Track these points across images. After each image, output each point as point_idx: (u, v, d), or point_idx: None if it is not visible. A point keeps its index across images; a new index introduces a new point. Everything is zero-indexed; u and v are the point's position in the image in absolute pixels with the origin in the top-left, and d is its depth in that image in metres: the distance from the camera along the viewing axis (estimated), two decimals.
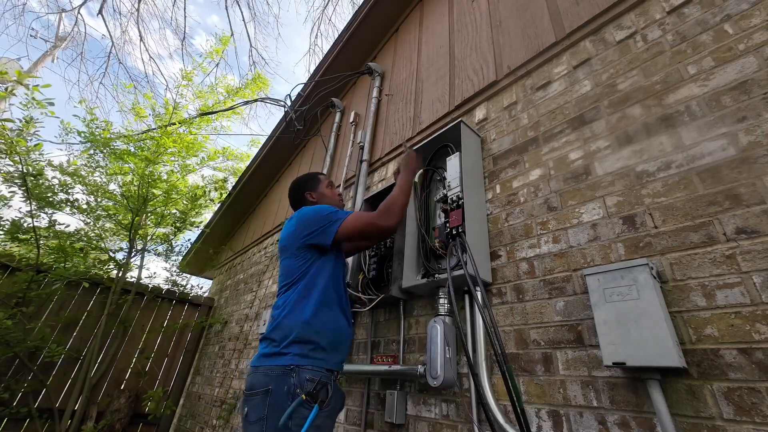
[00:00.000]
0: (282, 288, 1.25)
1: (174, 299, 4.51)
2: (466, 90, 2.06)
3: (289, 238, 1.30)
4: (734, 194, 0.96)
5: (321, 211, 1.30)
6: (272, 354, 1.09)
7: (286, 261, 1.28)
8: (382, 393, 1.71)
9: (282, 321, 1.15)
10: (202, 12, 34.86)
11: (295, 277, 1.22)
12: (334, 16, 14.25)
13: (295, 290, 1.20)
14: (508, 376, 1.05)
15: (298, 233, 1.28)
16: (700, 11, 1.23)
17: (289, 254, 1.28)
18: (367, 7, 3.31)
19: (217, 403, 3.43)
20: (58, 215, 3.74)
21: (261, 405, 1.00)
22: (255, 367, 1.11)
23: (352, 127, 3.24)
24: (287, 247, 1.30)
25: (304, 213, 1.33)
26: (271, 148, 4.56)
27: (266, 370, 1.06)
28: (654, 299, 0.92)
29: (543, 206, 1.41)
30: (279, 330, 1.13)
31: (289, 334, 1.11)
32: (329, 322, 1.18)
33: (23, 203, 3.42)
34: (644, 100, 1.26)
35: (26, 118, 3.31)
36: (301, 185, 1.57)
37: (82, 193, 4.07)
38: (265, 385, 1.03)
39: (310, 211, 1.32)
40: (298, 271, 1.23)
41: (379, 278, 1.85)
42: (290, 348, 1.09)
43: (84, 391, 3.31)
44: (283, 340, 1.10)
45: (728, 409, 0.81)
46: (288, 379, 1.03)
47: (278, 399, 1.00)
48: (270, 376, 1.04)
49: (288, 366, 1.05)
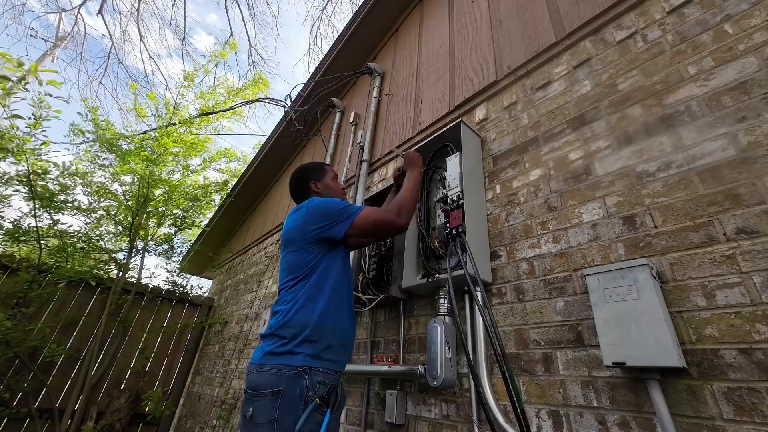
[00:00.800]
0: (288, 283, 1.19)
1: (174, 299, 4.51)
2: (466, 90, 2.06)
3: (298, 230, 1.23)
4: (734, 194, 0.96)
5: (333, 203, 1.25)
6: (282, 353, 1.04)
7: (293, 255, 1.22)
8: (382, 393, 1.71)
9: (293, 317, 1.09)
10: (201, 11, 34.84)
11: (304, 271, 1.17)
12: (333, 17, 14.26)
13: (305, 285, 1.15)
14: (508, 376, 1.05)
15: (308, 225, 1.22)
16: (700, 11, 1.23)
17: (297, 247, 1.22)
18: (367, 7, 3.31)
19: (217, 403, 3.43)
20: (60, 216, 3.73)
21: (270, 407, 0.96)
22: (260, 365, 1.05)
23: (352, 127, 3.24)
24: (294, 240, 1.23)
25: (315, 204, 1.26)
26: (271, 148, 4.56)
27: (275, 369, 1.01)
28: (654, 299, 0.92)
29: (543, 206, 1.41)
30: (289, 327, 1.08)
31: (300, 331, 1.06)
32: (340, 321, 1.14)
33: (26, 203, 3.41)
34: (644, 100, 1.26)
35: (35, 115, 3.28)
36: (306, 173, 1.50)
37: (83, 194, 4.07)
38: (274, 386, 0.98)
39: (322, 203, 1.26)
40: (308, 265, 1.17)
41: (379, 278, 1.85)
42: (302, 347, 1.04)
43: (84, 391, 3.31)
44: (294, 338, 1.05)
45: (728, 409, 0.81)
46: (300, 380, 0.99)
47: (290, 401, 0.96)
48: (280, 376, 1.00)
49: (300, 367, 1.01)
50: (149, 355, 4.06)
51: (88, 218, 4.08)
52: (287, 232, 1.28)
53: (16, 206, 9.40)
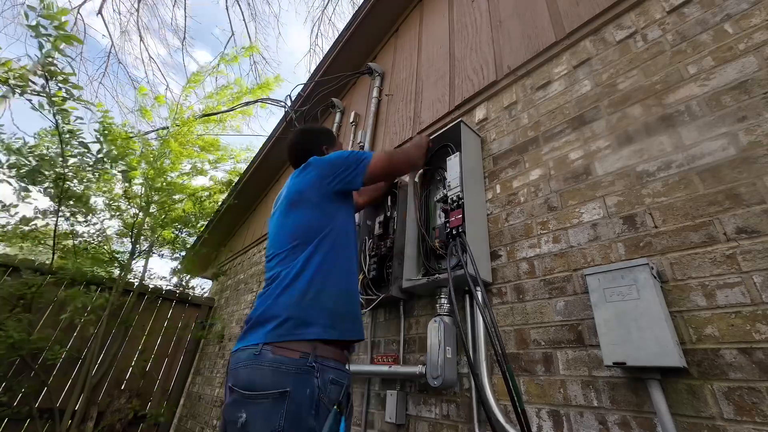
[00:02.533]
0: (290, 248, 0.99)
1: (174, 299, 4.51)
2: (466, 90, 2.06)
3: (311, 185, 1.09)
4: (734, 194, 0.96)
5: (343, 153, 1.15)
6: (289, 339, 0.84)
7: (302, 213, 1.05)
8: (382, 393, 1.71)
9: (316, 291, 0.89)
10: (200, 10, 34.89)
11: (322, 232, 1.00)
12: (334, 17, 14.23)
13: (321, 250, 0.97)
14: (508, 375, 1.05)
15: (322, 177, 1.09)
16: (700, 11, 1.23)
17: (310, 205, 1.06)
18: (367, 7, 3.31)
19: (217, 403, 3.43)
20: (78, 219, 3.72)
21: (274, 412, 0.75)
22: (255, 356, 0.82)
23: (352, 127, 3.24)
24: (307, 197, 1.08)
25: (327, 158, 1.15)
26: (271, 148, 4.56)
27: (277, 363, 0.80)
28: (654, 299, 0.92)
29: (543, 206, 1.41)
30: (304, 305, 0.87)
31: (320, 311, 0.88)
32: (355, 293, 1.01)
33: (52, 203, 3.36)
34: (644, 100, 1.26)
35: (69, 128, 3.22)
36: (317, 135, 1.37)
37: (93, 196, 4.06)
38: (278, 386, 0.78)
39: (332, 155, 1.16)
40: (323, 226, 1.01)
41: (379, 278, 1.85)
42: (319, 318, 0.86)
43: (84, 391, 3.32)
44: (310, 320, 0.86)
45: (728, 409, 0.81)
46: (311, 379, 0.80)
47: (299, 407, 0.76)
48: (284, 373, 0.79)
49: (310, 364, 0.81)
50: (150, 355, 4.06)
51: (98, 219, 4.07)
52: (295, 192, 1.12)
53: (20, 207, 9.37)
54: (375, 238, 1.98)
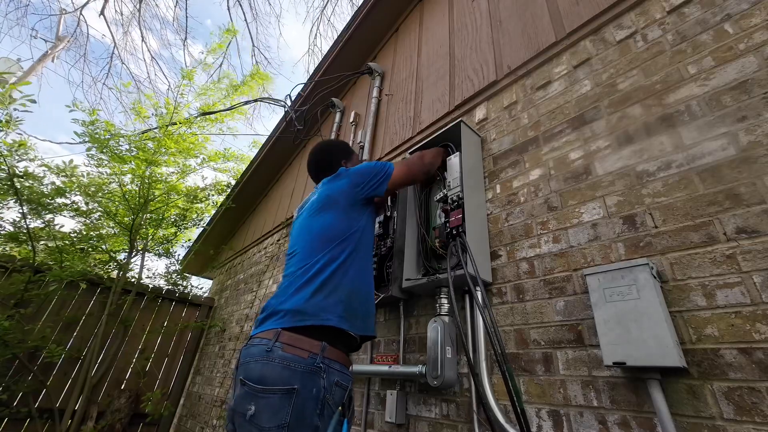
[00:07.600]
0: (315, 246, 1.08)
1: (174, 299, 4.51)
2: (466, 90, 2.06)
3: (343, 192, 1.21)
4: (734, 194, 0.96)
5: (370, 164, 1.31)
6: (302, 329, 0.90)
7: (331, 216, 1.16)
8: (382, 393, 1.71)
9: (334, 286, 0.97)
10: (200, 10, 34.90)
11: (348, 234, 1.11)
12: (333, 17, 14.25)
13: (344, 250, 1.07)
14: (508, 375, 1.05)
15: (354, 185, 1.22)
16: (701, 11, 1.23)
17: (339, 209, 1.17)
18: (366, 7, 3.31)
19: (217, 403, 3.43)
20: (57, 216, 3.72)
21: (281, 407, 0.80)
22: (267, 351, 0.88)
23: (353, 127, 3.24)
24: (338, 202, 1.19)
25: (356, 168, 1.30)
26: (271, 148, 4.56)
27: (287, 361, 0.86)
28: (654, 299, 0.92)
29: (543, 206, 1.41)
30: (321, 297, 0.95)
31: (341, 298, 0.96)
32: (371, 292, 1.11)
33: (16, 205, 3.39)
34: (644, 100, 1.26)
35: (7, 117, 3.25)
36: (337, 149, 1.52)
37: (79, 195, 4.06)
38: (286, 382, 0.82)
39: (361, 166, 1.31)
40: (350, 228, 1.13)
41: (379, 278, 1.85)
42: (336, 311, 0.94)
43: (84, 391, 3.31)
44: (326, 309, 0.93)
45: (728, 409, 0.81)
46: (318, 379, 0.85)
47: (305, 404, 0.81)
48: (293, 371, 0.84)
49: (317, 364, 0.87)
50: (149, 355, 4.06)
51: (87, 219, 4.06)
52: (326, 197, 1.22)
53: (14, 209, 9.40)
54: (375, 238, 1.98)
